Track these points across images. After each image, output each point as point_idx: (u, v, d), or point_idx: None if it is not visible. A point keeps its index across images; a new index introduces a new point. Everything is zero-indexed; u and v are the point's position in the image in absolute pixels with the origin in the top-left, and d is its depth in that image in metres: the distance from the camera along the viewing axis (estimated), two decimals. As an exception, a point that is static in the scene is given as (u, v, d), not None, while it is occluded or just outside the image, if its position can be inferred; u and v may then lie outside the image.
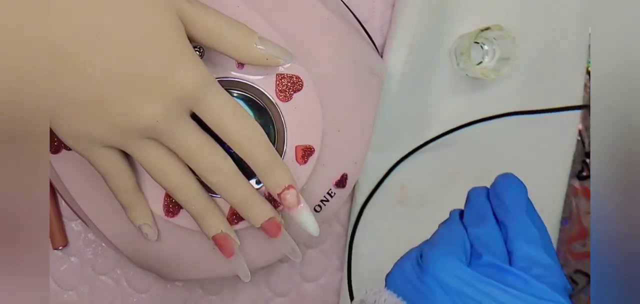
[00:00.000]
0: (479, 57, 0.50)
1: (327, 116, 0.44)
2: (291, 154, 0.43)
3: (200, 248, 0.44)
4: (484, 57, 0.50)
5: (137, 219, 0.43)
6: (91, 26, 0.35)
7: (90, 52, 0.35)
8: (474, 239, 0.34)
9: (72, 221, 0.51)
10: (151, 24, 0.36)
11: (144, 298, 0.52)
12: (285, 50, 0.41)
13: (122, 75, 0.36)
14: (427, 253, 0.33)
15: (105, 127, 0.37)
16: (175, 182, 0.40)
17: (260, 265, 0.46)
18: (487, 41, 0.50)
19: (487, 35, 0.49)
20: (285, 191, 0.40)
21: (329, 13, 0.43)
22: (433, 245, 0.34)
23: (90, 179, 0.42)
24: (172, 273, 0.46)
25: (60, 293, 0.51)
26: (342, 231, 0.52)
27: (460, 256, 0.33)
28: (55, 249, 0.50)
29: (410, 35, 0.49)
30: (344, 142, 0.45)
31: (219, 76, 0.42)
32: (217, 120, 0.38)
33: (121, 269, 0.51)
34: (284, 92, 0.43)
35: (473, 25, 0.49)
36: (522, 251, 0.34)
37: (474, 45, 0.49)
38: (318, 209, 0.45)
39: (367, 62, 0.45)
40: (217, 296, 0.52)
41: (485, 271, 0.32)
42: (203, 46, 0.41)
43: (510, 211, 0.35)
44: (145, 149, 0.38)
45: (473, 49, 0.49)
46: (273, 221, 0.41)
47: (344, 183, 0.45)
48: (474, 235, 0.34)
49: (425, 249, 0.34)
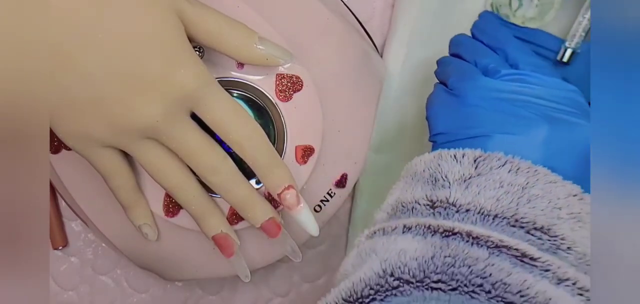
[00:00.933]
0: (515, 4, 0.49)
1: (327, 116, 0.44)
2: (291, 154, 0.43)
3: (200, 248, 0.44)
4: (520, 6, 0.49)
5: (137, 219, 0.43)
6: (91, 26, 0.35)
7: (90, 52, 0.35)
8: (483, 66, 0.38)
9: (72, 221, 0.51)
10: (151, 24, 0.36)
11: (144, 298, 0.52)
12: (285, 50, 0.41)
13: (122, 75, 0.36)
14: (457, 84, 0.37)
15: (105, 127, 0.37)
16: (175, 182, 0.40)
17: (260, 265, 0.46)
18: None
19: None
20: (285, 191, 0.40)
21: (329, 13, 0.43)
22: (458, 77, 0.38)
23: (90, 179, 0.42)
24: (172, 273, 0.46)
25: (60, 293, 0.51)
26: (342, 231, 0.52)
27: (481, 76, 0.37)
28: (55, 249, 0.50)
29: (410, 35, 0.49)
30: (344, 142, 0.45)
31: (219, 76, 0.42)
32: (217, 120, 0.38)
33: (121, 269, 0.51)
34: (284, 92, 0.43)
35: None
36: (527, 60, 0.38)
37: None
38: (318, 209, 0.45)
39: (367, 62, 0.45)
40: (217, 296, 0.52)
41: (509, 78, 0.37)
42: (203, 46, 0.41)
43: (502, 39, 0.39)
44: (145, 149, 0.38)
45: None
46: (273, 221, 0.41)
47: (344, 183, 0.45)
48: (483, 63, 0.38)
49: (453, 83, 0.38)
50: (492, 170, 0.34)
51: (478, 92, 0.36)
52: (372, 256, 0.33)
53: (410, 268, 0.31)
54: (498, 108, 0.36)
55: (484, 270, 0.30)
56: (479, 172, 0.34)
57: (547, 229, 0.32)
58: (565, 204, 0.33)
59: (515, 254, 0.31)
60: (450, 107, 0.37)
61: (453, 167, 0.35)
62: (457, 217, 0.33)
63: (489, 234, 0.31)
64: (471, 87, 0.37)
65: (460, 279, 0.30)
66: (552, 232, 0.32)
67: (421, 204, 0.35)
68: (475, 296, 0.30)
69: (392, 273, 0.32)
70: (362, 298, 0.32)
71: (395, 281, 0.31)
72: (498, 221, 0.32)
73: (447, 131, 0.37)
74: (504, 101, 0.36)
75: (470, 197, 0.33)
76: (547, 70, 0.38)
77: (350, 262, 0.36)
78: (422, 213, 0.34)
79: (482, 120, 0.36)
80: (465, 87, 0.37)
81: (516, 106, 0.35)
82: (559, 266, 0.31)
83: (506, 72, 0.37)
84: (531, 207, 0.33)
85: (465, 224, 0.33)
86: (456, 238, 0.32)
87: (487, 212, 0.33)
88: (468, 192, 0.33)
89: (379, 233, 0.35)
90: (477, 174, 0.34)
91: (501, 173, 0.33)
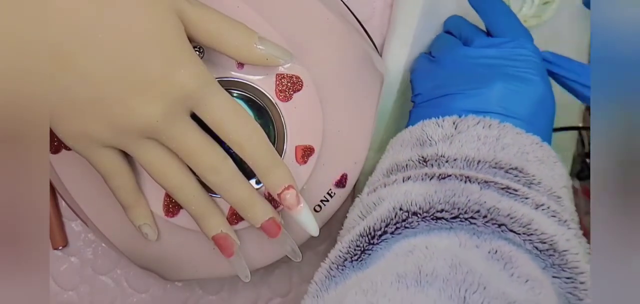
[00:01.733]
0: (518, 5, 0.50)
1: (327, 116, 0.44)
2: (291, 154, 0.43)
3: (200, 248, 0.44)
4: (523, 5, 0.50)
5: (137, 219, 0.43)
6: (91, 26, 0.35)
7: (90, 52, 0.35)
8: (464, 37, 0.45)
9: (72, 221, 0.51)
10: (151, 24, 0.36)
11: (144, 298, 0.52)
12: (285, 50, 0.41)
13: (122, 75, 0.36)
14: (436, 53, 0.46)
15: (105, 127, 0.37)
16: (175, 183, 0.40)
17: (260, 265, 0.46)
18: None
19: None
20: (285, 191, 0.40)
21: (329, 13, 0.43)
22: (438, 46, 0.47)
23: (90, 179, 0.42)
24: (172, 273, 0.46)
25: (60, 293, 0.51)
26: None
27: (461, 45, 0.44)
28: (55, 249, 0.50)
29: (409, 34, 0.49)
30: (344, 142, 0.45)
31: (219, 76, 0.42)
32: (217, 120, 0.38)
33: (121, 269, 0.51)
34: (284, 92, 0.43)
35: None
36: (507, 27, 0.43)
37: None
38: (318, 209, 0.45)
39: (367, 62, 0.45)
40: (217, 296, 0.52)
41: (480, 45, 0.43)
42: (203, 46, 0.41)
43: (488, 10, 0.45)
44: (145, 149, 0.38)
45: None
46: (273, 221, 0.41)
47: (344, 183, 0.45)
48: (464, 35, 0.45)
49: (434, 51, 0.46)
50: (469, 128, 0.39)
51: (450, 58, 0.43)
52: (380, 203, 0.38)
53: (417, 201, 0.36)
54: (464, 71, 0.42)
55: (478, 199, 0.35)
56: (459, 131, 0.40)
57: (520, 169, 0.38)
58: (531, 149, 0.39)
59: (500, 186, 0.36)
60: (428, 71, 0.45)
61: (436, 130, 0.40)
62: (447, 166, 0.38)
63: (477, 175, 0.37)
64: (446, 54, 0.44)
65: (460, 207, 0.35)
66: (525, 171, 0.38)
67: (414, 160, 0.40)
68: (473, 221, 0.35)
69: (401, 207, 0.36)
70: (374, 232, 0.36)
71: (404, 213, 0.36)
72: (482, 165, 0.38)
73: (423, 93, 0.44)
74: (471, 64, 0.42)
75: (455, 150, 0.39)
76: (524, 35, 0.43)
77: (356, 214, 0.40)
78: (416, 167, 0.39)
79: (451, 82, 0.42)
80: (443, 55, 0.44)
81: (480, 67, 0.42)
82: (534, 195, 0.36)
83: (480, 40, 0.43)
84: (505, 154, 0.38)
85: (456, 169, 0.38)
86: (451, 178, 0.37)
87: (471, 159, 0.38)
88: (453, 147, 0.39)
89: (380, 186, 0.39)
90: (458, 132, 0.40)
91: (477, 129, 0.39)
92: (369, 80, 0.45)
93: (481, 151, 0.38)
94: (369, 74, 0.45)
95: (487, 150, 0.38)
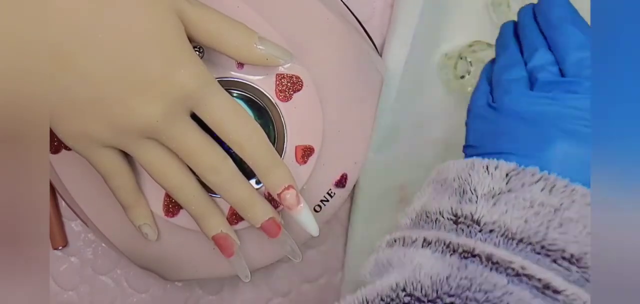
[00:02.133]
0: (464, 71, 0.50)
1: (327, 116, 0.44)
2: (291, 154, 0.43)
3: (200, 248, 0.44)
4: (467, 73, 0.50)
5: (137, 219, 0.43)
6: (91, 26, 0.35)
7: (90, 52, 0.35)
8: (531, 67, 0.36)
9: (72, 221, 0.51)
10: (151, 24, 0.36)
11: (144, 298, 0.52)
12: (285, 50, 0.41)
13: (122, 75, 0.36)
14: (501, 98, 0.35)
15: (105, 127, 0.37)
16: (175, 183, 0.40)
17: (260, 265, 0.46)
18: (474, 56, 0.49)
19: (475, 48, 0.49)
20: (285, 191, 0.40)
21: (329, 13, 0.43)
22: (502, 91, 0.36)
23: (90, 179, 0.42)
24: (172, 273, 0.46)
25: (60, 293, 0.51)
26: (342, 231, 0.52)
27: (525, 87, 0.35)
28: (55, 249, 0.50)
29: (410, 34, 0.49)
30: (344, 142, 0.45)
31: (219, 76, 0.42)
32: (217, 120, 0.38)
33: (121, 269, 0.51)
34: (284, 92, 0.43)
35: (472, 25, 0.49)
36: (572, 58, 0.35)
37: (459, 60, 0.49)
38: (318, 209, 0.45)
39: (367, 62, 0.45)
40: (217, 296, 0.52)
41: (546, 88, 0.34)
42: (203, 46, 0.41)
43: (557, 27, 0.36)
44: (145, 149, 0.38)
45: (459, 64, 0.49)
46: (273, 221, 0.41)
47: (344, 183, 0.45)
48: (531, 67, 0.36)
49: (498, 95, 0.36)
50: (524, 187, 0.32)
51: (513, 107, 0.35)
52: (389, 269, 0.33)
53: (424, 286, 0.30)
54: (526, 126, 0.34)
55: (500, 298, 0.29)
56: (509, 187, 0.32)
57: (577, 258, 0.30)
58: None
59: (536, 284, 0.29)
60: (486, 120, 0.36)
61: (484, 179, 0.33)
62: (479, 236, 0.32)
63: (510, 259, 0.30)
64: (509, 102, 0.35)
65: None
66: (583, 262, 0.30)
67: (445, 217, 0.33)
68: None
69: (404, 288, 0.31)
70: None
71: (406, 297, 0.31)
72: (523, 246, 0.31)
73: (477, 145, 0.36)
74: (535, 115, 0.34)
75: (497, 216, 0.32)
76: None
77: (369, 269, 0.35)
78: (445, 227, 0.33)
79: (510, 137, 0.34)
80: (505, 103, 0.35)
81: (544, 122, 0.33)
82: (585, 301, 0.29)
83: (544, 78, 0.35)
84: (562, 233, 0.31)
85: (487, 245, 0.31)
86: (475, 260, 0.30)
87: (512, 235, 0.31)
88: (495, 210, 0.32)
89: (399, 241, 0.34)
90: (508, 190, 0.32)
91: (533, 191, 0.31)
92: (369, 80, 0.45)
93: (529, 225, 0.31)
94: (369, 74, 0.45)
95: (537, 224, 0.31)
